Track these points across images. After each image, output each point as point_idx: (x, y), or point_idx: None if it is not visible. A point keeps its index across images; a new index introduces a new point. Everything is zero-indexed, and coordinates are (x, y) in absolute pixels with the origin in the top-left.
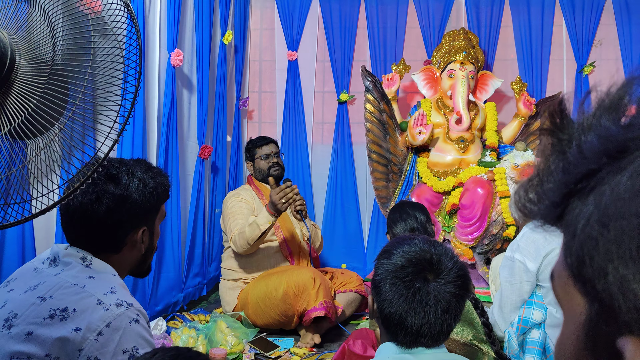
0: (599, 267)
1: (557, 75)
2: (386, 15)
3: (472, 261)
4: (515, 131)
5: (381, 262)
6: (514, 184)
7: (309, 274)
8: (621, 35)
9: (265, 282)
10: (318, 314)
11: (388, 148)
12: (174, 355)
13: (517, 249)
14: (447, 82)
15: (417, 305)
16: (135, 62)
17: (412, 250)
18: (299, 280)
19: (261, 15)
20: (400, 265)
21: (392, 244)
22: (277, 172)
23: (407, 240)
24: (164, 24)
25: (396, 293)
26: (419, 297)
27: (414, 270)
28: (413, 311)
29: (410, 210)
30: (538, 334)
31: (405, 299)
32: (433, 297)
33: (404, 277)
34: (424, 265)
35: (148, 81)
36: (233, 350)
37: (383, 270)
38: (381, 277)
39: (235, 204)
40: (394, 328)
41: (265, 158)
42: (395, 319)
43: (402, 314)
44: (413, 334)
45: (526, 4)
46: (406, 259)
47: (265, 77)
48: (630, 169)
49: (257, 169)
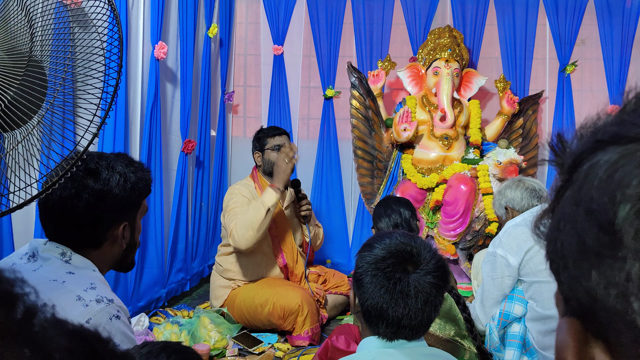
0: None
1: (540, 74)
2: (372, 12)
3: (455, 257)
4: (499, 129)
5: (362, 255)
6: (496, 181)
7: (297, 300)
8: (602, 35)
9: (254, 293)
10: (302, 343)
11: (373, 144)
12: (162, 346)
13: (499, 245)
14: (432, 80)
15: (397, 296)
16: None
17: (393, 243)
18: (286, 305)
19: (247, 8)
20: (380, 257)
21: (373, 238)
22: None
23: (388, 234)
24: (147, 16)
25: (377, 284)
26: (399, 288)
27: (395, 261)
28: (394, 302)
29: (395, 205)
30: (518, 328)
31: (386, 289)
32: (413, 288)
33: (385, 268)
34: (404, 256)
35: (131, 74)
36: (216, 346)
37: (364, 262)
38: (362, 270)
39: (239, 200)
40: (375, 320)
41: (276, 149)
42: (377, 311)
43: (384, 305)
44: (394, 325)
45: (511, 3)
46: (387, 250)
47: (250, 71)
48: (575, 182)
49: (266, 161)
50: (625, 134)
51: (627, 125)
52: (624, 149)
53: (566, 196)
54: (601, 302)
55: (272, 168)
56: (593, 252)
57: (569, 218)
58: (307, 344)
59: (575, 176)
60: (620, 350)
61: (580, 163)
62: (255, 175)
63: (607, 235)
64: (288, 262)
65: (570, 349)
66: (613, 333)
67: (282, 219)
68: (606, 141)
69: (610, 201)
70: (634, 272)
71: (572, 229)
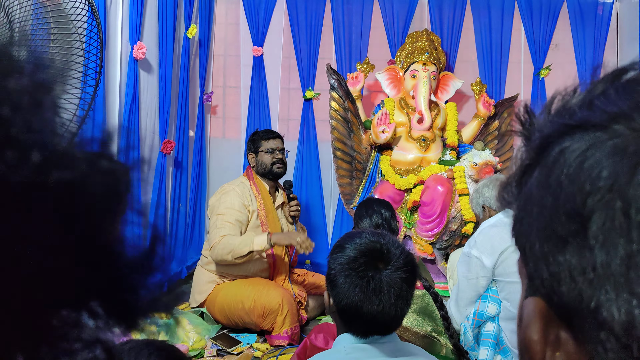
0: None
1: (515, 77)
2: (351, 14)
3: (432, 257)
4: (475, 131)
5: (334, 257)
6: (472, 182)
7: (278, 299)
8: (575, 40)
9: (236, 289)
10: (282, 342)
11: (352, 146)
12: (146, 342)
13: (474, 246)
14: (409, 82)
15: (371, 293)
16: (96, 55)
17: (363, 242)
18: (266, 304)
19: (226, 9)
20: (352, 257)
21: (343, 239)
22: (280, 170)
23: (357, 234)
24: (126, 16)
25: (351, 284)
26: (372, 285)
27: (366, 260)
28: (368, 300)
29: (376, 206)
30: (492, 327)
31: (360, 288)
32: (386, 284)
33: (357, 267)
34: (375, 255)
35: (109, 74)
36: (195, 346)
37: (337, 264)
38: (335, 271)
39: (230, 204)
40: (351, 318)
41: (269, 152)
42: (352, 309)
43: (358, 303)
44: (369, 322)
45: (487, 7)
46: (358, 250)
47: (229, 72)
48: (544, 166)
49: (260, 163)
50: (595, 120)
51: (596, 112)
52: (593, 137)
53: (534, 178)
54: (566, 287)
55: (265, 169)
56: (560, 239)
57: (536, 202)
58: (287, 344)
59: (543, 159)
60: (583, 333)
61: (548, 145)
62: (250, 173)
63: (574, 224)
64: (277, 260)
65: (536, 328)
66: (576, 316)
67: (273, 218)
68: (575, 126)
69: (579, 191)
70: (599, 262)
71: (540, 214)
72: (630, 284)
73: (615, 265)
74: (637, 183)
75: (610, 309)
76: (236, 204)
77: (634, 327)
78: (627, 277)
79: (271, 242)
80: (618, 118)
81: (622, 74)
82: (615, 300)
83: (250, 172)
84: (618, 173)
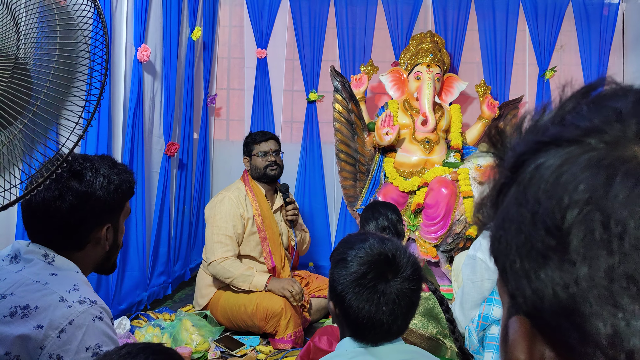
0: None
1: (520, 79)
2: (355, 16)
3: (436, 259)
4: (479, 133)
5: (339, 273)
6: (477, 185)
7: (280, 303)
8: (581, 41)
9: (238, 293)
10: (285, 346)
11: (356, 148)
12: (142, 347)
13: (479, 248)
14: (413, 84)
15: (383, 305)
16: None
17: (368, 254)
18: (269, 308)
19: (230, 12)
20: (361, 274)
21: (344, 248)
22: (274, 173)
23: (358, 241)
24: (130, 19)
25: (362, 300)
26: (384, 299)
27: (375, 275)
28: (381, 312)
29: (382, 209)
30: (497, 330)
31: (372, 303)
32: (396, 296)
33: (367, 283)
34: (382, 266)
35: (114, 76)
36: (198, 349)
37: (344, 280)
38: (343, 287)
39: (224, 216)
40: (362, 330)
41: (262, 155)
42: (363, 322)
43: (371, 316)
44: (383, 332)
45: (491, 9)
46: (364, 265)
47: (233, 74)
48: (520, 183)
49: (254, 167)
50: (568, 135)
51: (569, 127)
52: (568, 151)
53: (510, 196)
54: (549, 303)
55: (259, 173)
56: (540, 254)
57: (514, 219)
58: (290, 347)
59: (519, 176)
60: (567, 348)
61: (523, 163)
62: (246, 178)
63: (554, 239)
64: (276, 265)
65: (521, 348)
66: (560, 332)
67: (271, 222)
68: (548, 142)
69: (558, 205)
70: (581, 276)
71: (518, 231)
72: (614, 297)
73: (598, 278)
74: (614, 195)
75: (595, 323)
76: (230, 215)
77: (621, 339)
78: (611, 290)
79: (267, 288)
80: (591, 132)
81: (591, 90)
82: (600, 314)
83: (246, 176)
84: (595, 186)
